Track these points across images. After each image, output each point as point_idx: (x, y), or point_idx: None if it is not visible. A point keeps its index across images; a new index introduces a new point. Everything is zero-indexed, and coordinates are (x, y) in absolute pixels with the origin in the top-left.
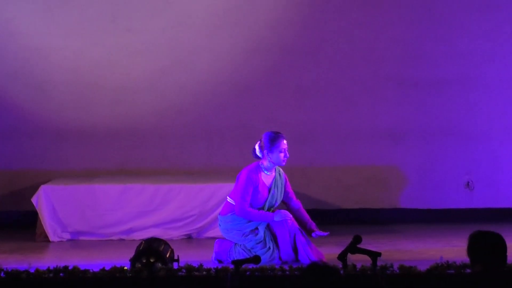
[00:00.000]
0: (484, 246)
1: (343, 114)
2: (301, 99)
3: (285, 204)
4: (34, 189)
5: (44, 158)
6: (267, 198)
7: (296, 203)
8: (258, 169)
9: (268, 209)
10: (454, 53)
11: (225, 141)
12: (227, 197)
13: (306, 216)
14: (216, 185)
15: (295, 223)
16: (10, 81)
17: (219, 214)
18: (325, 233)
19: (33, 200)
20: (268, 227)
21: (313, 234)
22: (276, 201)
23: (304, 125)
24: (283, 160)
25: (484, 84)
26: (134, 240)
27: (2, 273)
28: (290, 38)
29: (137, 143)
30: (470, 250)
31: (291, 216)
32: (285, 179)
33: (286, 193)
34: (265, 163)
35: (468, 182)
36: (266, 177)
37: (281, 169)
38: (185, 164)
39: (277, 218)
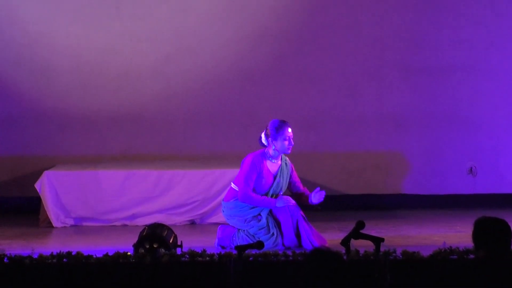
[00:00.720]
0: (489, 232)
1: (347, 101)
2: (306, 86)
3: (293, 194)
4: (37, 175)
5: (48, 144)
6: (271, 186)
7: (304, 190)
8: (264, 156)
9: (272, 197)
10: (458, 40)
11: (229, 127)
12: (231, 183)
13: (309, 192)
14: (219, 171)
15: (298, 210)
16: (14, 68)
17: (223, 200)
18: (321, 195)
19: (37, 186)
20: (271, 213)
21: (313, 192)
22: (281, 189)
23: (308, 111)
24: (288, 148)
25: (488, 71)
26: (137, 225)
27: (6, 258)
28: (295, 25)
29: (141, 129)
30: (476, 236)
31: (294, 202)
32: (291, 168)
33: (293, 183)
34: (271, 151)
35: (471, 168)
36: (272, 165)
37: (287, 158)
38: (189, 150)
39: (279, 204)
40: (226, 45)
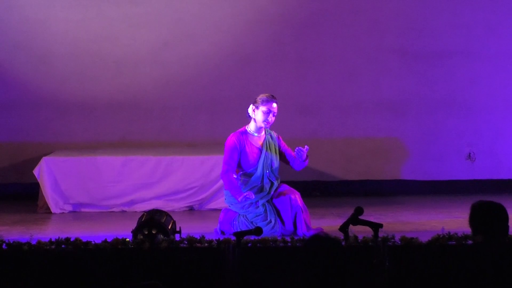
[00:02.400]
0: (486, 216)
1: (345, 86)
2: (304, 71)
3: (290, 164)
4: (36, 161)
5: (46, 130)
6: (259, 160)
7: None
8: (244, 132)
9: (271, 171)
10: (456, 25)
11: (228, 113)
12: None
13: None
14: (218, 157)
15: (298, 202)
16: (12, 53)
17: (224, 188)
18: (305, 150)
19: (35, 172)
20: (270, 202)
21: (296, 151)
22: (272, 162)
23: (306, 96)
24: (266, 121)
25: (486, 56)
26: (136, 211)
27: (4, 245)
28: (293, 10)
29: (139, 115)
30: (472, 220)
31: (250, 197)
32: (278, 139)
33: (284, 153)
34: (252, 124)
35: (470, 154)
36: (255, 139)
37: (273, 132)
38: (188, 136)
39: (240, 200)
40: (224, 31)
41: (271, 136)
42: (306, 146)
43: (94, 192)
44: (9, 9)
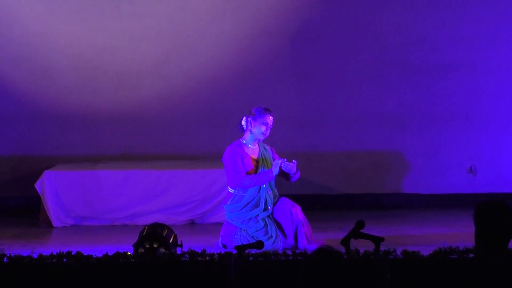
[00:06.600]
0: (490, 211)
1: (347, 99)
2: (305, 84)
3: (287, 178)
4: (37, 174)
5: (48, 144)
6: (256, 172)
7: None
8: (240, 144)
9: (268, 183)
10: (457, 38)
11: (229, 126)
12: (228, 186)
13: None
14: (219, 170)
15: (299, 215)
16: (13, 67)
17: (223, 204)
18: (292, 164)
19: (37, 185)
20: (271, 216)
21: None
22: None
23: (308, 110)
24: (263, 134)
25: (487, 69)
26: (137, 225)
27: (5, 258)
28: (294, 23)
29: (141, 128)
30: (477, 216)
31: (281, 162)
32: (272, 151)
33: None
34: (247, 135)
35: (471, 167)
36: (250, 150)
37: (265, 144)
38: (189, 150)
39: (275, 171)
40: (226, 44)
41: (264, 148)
42: (294, 161)
43: (96, 205)
44: (11, 22)
